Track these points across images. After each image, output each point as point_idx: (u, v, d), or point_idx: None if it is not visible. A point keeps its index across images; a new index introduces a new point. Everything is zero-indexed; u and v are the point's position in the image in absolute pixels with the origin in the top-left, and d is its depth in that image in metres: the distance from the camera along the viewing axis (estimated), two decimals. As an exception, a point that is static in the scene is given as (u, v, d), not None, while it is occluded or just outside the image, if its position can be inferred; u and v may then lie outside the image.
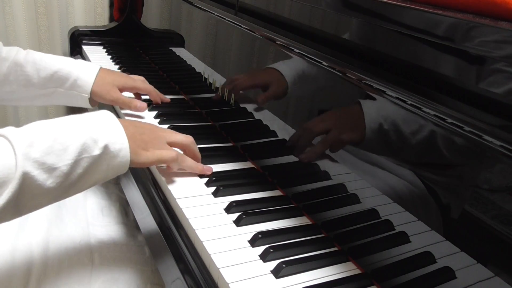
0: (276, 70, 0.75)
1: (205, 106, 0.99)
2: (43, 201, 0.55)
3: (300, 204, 0.68)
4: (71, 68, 0.87)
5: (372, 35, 0.60)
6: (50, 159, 0.53)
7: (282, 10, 0.77)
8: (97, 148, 0.57)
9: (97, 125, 0.59)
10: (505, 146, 0.41)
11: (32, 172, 0.51)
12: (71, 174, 0.55)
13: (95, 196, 0.90)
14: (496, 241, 0.44)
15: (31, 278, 0.66)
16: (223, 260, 0.55)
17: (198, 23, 1.04)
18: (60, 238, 0.74)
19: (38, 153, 0.52)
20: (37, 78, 0.85)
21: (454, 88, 0.48)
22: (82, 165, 0.56)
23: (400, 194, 0.54)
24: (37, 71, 0.85)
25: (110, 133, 0.59)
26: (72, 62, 0.88)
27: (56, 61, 0.87)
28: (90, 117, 0.61)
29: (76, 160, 0.55)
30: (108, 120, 0.61)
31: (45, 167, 0.52)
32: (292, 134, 0.72)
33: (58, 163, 0.53)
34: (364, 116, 0.58)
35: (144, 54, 1.39)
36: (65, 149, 0.54)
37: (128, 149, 0.60)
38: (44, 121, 0.57)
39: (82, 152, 0.56)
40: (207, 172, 0.72)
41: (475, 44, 0.44)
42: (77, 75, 0.86)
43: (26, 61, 0.85)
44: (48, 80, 0.86)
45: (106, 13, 1.66)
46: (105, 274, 0.70)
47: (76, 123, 0.59)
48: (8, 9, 1.51)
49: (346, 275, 0.56)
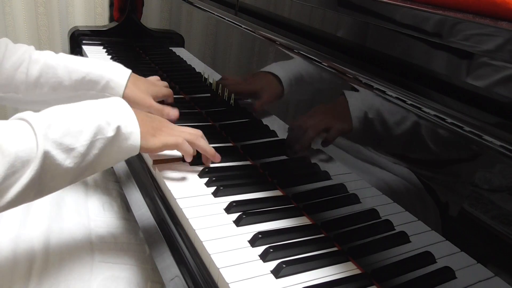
0: (271, 74, 0.75)
1: (205, 106, 0.99)
2: (62, 181, 0.58)
3: (300, 204, 0.68)
4: (102, 70, 0.86)
5: (373, 35, 0.60)
6: (67, 140, 0.56)
7: (282, 10, 0.78)
8: (111, 129, 0.60)
9: (111, 109, 0.63)
10: (505, 146, 0.41)
11: (52, 151, 0.55)
12: (88, 155, 0.59)
13: (96, 193, 0.90)
14: (496, 241, 0.44)
15: (32, 274, 0.66)
16: (223, 260, 0.55)
17: (198, 23, 1.04)
18: (61, 235, 0.74)
19: (57, 134, 0.56)
20: (69, 80, 0.85)
21: (454, 88, 0.48)
22: (97, 146, 0.59)
23: (400, 194, 0.54)
24: (69, 74, 0.85)
25: (123, 116, 0.63)
26: (103, 65, 0.88)
27: (87, 64, 0.87)
28: (104, 102, 0.64)
29: (92, 141, 0.59)
30: (120, 105, 0.65)
31: (63, 147, 0.56)
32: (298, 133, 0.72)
33: (75, 143, 0.57)
34: (364, 115, 0.58)
35: (144, 54, 1.39)
36: (81, 131, 0.58)
37: (139, 133, 0.64)
38: (60, 106, 0.61)
39: (97, 134, 0.59)
40: (217, 160, 0.75)
41: (475, 44, 0.44)
42: (110, 77, 0.86)
43: (58, 64, 0.85)
44: (79, 83, 0.86)
45: (106, 13, 1.66)
46: (106, 271, 0.70)
47: (91, 107, 0.62)
48: (8, 9, 1.51)
49: (346, 275, 0.56)
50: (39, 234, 0.73)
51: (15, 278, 0.65)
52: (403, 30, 0.53)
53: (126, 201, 0.89)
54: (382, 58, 0.58)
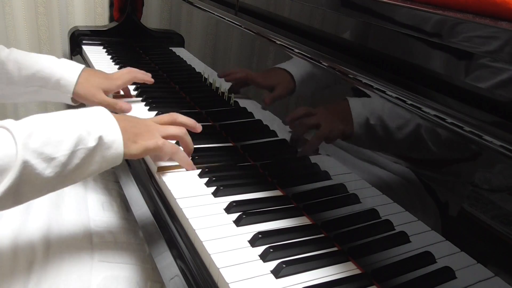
0: (284, 71, 0.75)
1: (205, 106, 0.99)
2: (42, 190, 0.58)
3: (300, 204, 0.68)
4: (53, 68, 0.87)
5: (373, 35, 0.60)
6: (48, 150, 0.55)
7: (282, 10, 0.78)
8: (92, 139, 0.60)
9: (92, 119, 0.62)
10: (505, 146, 0.41)
11: (32, 161, 0.54)
12: (68, 165, 0.58)
13: (96, 192, 0.90)
14: (496, 241, 0.44)
15: (31, 274, 0.66)
16: (223, 260, 0.55)
17: (198, 23, 1.04)
18: (61, 235, 0.74)
19: (37, 143, 0.55)
20: (18, 76, 0.86)
21: (455, 88, 0.48)
22: (79, 156, 0.59)
23: (400, 194, 0.54)
24: (19, 70, 0.86)
25: (104, 125, 0.62)
26: (55, 62, 0.89)
27: (39, 60, 0.88)
28: (85, 112, 0.64)
29: (73, 151, 0.58)
30: (102, 115, 0.64)
31: (44, 157, 0.55)
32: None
33: (56, 153, 0.56)
34: (364, 115, 0.58)
35: (144, 54, 1.39)
36: (62, 141, 0.57)
37: (122, 141, 0.63)
38: (41, 115, 0.60)
39: (78, 144, 0.58)
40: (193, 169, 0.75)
41: (476, 44, 0.44)
42: (61, 75, 0.87)
43: (8, 59, 0.86)
44: (29, 79, 0.87)
45: (106, 13, 1.66)
46: (105, 271, 0.70)
47: (72, 117, 0.61)
48: (8, 9, 1.51)
49: (346, 275, 0.56)
50: (39, 234, 0.73)
51: (15, 277, 0.65)
52: (403, 30, 0.53)
53: (126, 201, 0.89)
54: (382, 58, 0.58)
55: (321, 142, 0.66)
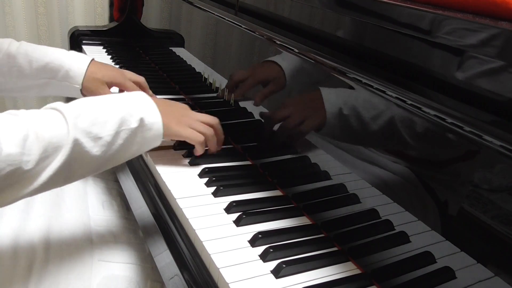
0: (275, 64, 0.75)
1: (205, 106, 0.99)
2: (89, 168, 0.62)
3: (300, 204, 0.68)
4: (63, 59, 0.87)
5: (372, 35, 0.60)
6: (95, 129, 0.60)
7: (282, 10, 0.78)
8: (134, 121, 0.64)
9: (133, 102, 0.67)
10: (505, 146, 0.41)
11: (81, 139, 0.59)
12: (113, 144, 0.62)
13: (96, 192, 0.90)
14: (496, 241, 0.44)
15: (32, 273, 0.66)
16: (223, 260, 0.55)
17: (198, 23, 1.04)
18: (61, 234, 0.74)
19: (85, 123, 0.60)
20: (29, 69, 0.86)
21: (455, 88, 0.48)
22: (122, 136, 0.63)
23: (400, 194, 0.54)
24: (29, 63, 0.86)
25: (145, 108, 0.67)
26: (64, 54, 0.89)
27: (49, 52, 0.88)
28: (127, 95, 0.69)
29: (117, 131, 0.62)
30: (142, 98, 0.69)
31: (92, 136, 0.60)
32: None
33: (102, 133, 0.61)
34: (364, 115, 0.58)
35: (144, 54, 1.39)
36: (107, 121, 0.62)
37: (161, 123, 0.68)
38: (86, 98, 0.65)
39: (122, 124, 0.63)
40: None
41: (476, 44, 0.44)
42: (69, 66, 0.87)
43: (18, 53, 0.86)
44: (40, 71, 0.87)
45: (106, 13, 1.66)
46: (105, 270, 0.70)
47: (115, 100, 0.66)
48: (8, 9, 1.51)
49: (346, 275, 0.56)
50: (39, 233, 0.73)
51: (15, 277, 0.65)
52: (403, 30, 0.53)
53: (126, 200, 0.89)
54: (382, 57, 0.58)
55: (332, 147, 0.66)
